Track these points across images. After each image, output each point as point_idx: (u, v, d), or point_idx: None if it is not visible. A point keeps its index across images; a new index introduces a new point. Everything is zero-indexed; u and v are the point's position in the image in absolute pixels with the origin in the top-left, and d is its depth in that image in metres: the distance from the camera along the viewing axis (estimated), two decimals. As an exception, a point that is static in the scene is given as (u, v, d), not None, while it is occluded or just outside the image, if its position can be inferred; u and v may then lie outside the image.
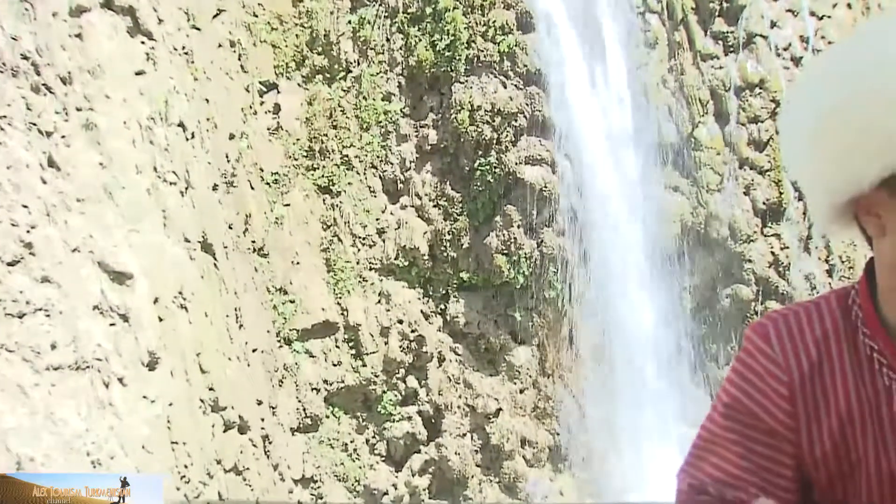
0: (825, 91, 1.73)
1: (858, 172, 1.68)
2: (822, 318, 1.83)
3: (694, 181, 9.29)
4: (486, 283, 9.20)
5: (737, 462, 1.81)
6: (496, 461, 9.15)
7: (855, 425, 1.77)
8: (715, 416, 1.87)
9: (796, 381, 1.80)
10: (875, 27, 1.75)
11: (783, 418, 1.79)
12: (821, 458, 1.79)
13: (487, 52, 8.80)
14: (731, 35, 9.22)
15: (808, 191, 1.83)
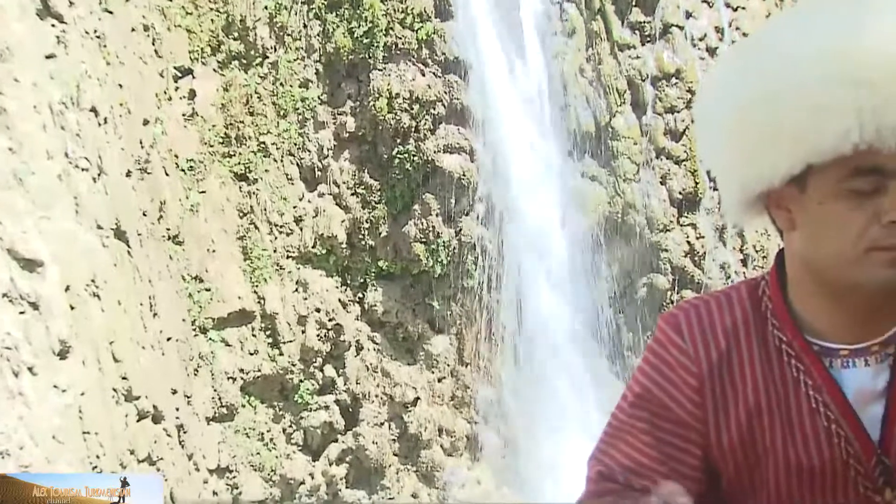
0: (738, 86, 1.79)
1: (770, 168, 1.74)
2: (732, 309, 1.90)
3: (611, 170, 9.49)
4: (404, 271, 9.31)
5: (645, 451, 1.87)
6: (414, 450, 9.27)
7: (763, 416, 1.83)
8: (625, 404, 1.93)
9: (705, 372, 1.85)
10: (787, 22, 1.82)
11: (692, 409, 1.86)
12: (728, 449, 1.85)
13: (406, 39, 8.91)
14: (647, 25, 9.43)
15: (720, 183, 1.89)
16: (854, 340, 1.81)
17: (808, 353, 1.81)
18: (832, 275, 1.75)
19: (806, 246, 1.78)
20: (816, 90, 1.66)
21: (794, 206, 1.77)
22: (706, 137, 1.89)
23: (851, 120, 1.63)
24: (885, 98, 1.63)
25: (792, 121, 1.68)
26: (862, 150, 1.65)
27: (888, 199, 1.67)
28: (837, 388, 1.80)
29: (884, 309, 1.80)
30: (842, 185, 1.69)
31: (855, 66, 1.64)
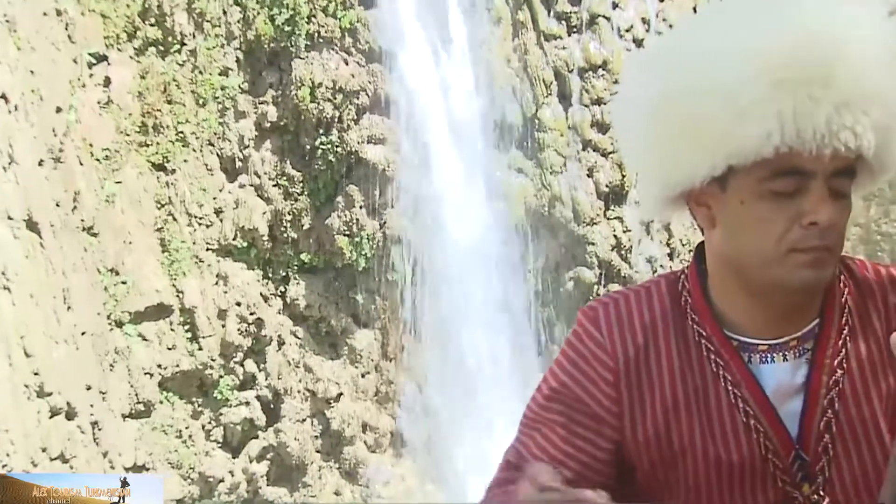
0: (658, 85, 1.78)
1: (690, 169, 1.74)
2: (651, 303, 1.89)
3: (538, 162, 9.56)
4: (327, 264, 9.33)
5: (558, 444, 1.87)
6: (336, 447, 9.30)
7: (680, 412, 1.83)
8: (540, 397, 1.92)
9: (622, 367, 1.85)
10: (708, 21, 1.82)
11: (607, 403, 1.85)
12: (643, 444, 1.85)
13: (328, 27, 8.92)
14: (574, 15, 9.51)
15: (640, 180, 1.90)
16: (773, 335, 1.83)
17: (726, 348, 1.84)
18: (752, 274, 1.77)
19: (726, 244, 1.80)
20: (737, 92, 1.67)
21: (715, 204, 1.79)
22: (626, 135, 1.90)
23: (772, 122, 1.65)
24: (805, 100, 1.65)
25: (713, 122, 1.69)
26: (783, 152, 1.67)
27: (809, 201, 1.70)
28: (756, 383, 1.82)
29: (802, 305, 1.84)
30: (763, 185, 1.71)
31: (775, 68, 1.66)
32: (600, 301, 1.93)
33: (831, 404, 1.82)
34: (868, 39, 1.70)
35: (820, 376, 1.82)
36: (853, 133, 1.66)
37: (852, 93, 1.66)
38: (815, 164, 1.68)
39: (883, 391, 1.84)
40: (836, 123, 1.65)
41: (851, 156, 1.70)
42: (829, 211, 1.69)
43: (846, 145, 1.66)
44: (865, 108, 1.67)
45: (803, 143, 1.65)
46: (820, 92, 1.65)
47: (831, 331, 1.84)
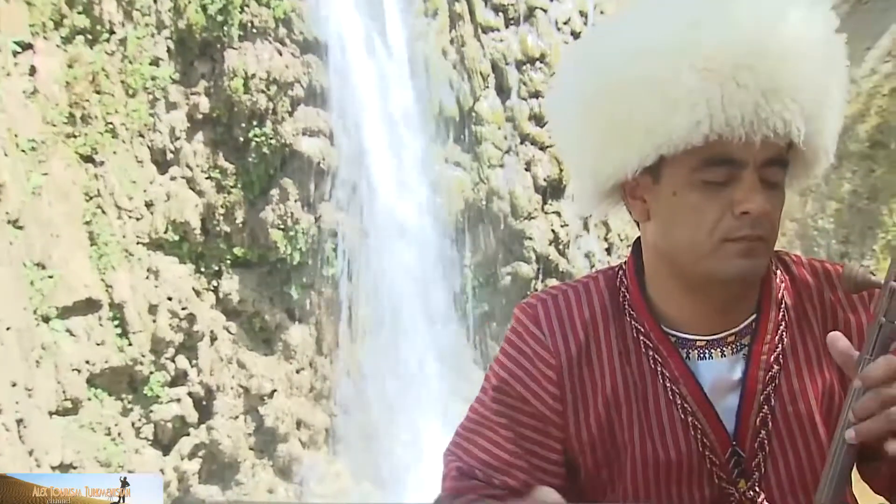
0: (588, 77, 1.81)
1: (622, 160, 1.77)
2: (590, 300, 1.91)
3: (475, 156, 9.60)
4: (261, 259, 9.30)
5: (505, 446, 1.88)
6: (270, 444, 9.27)
7: (621, 409, 1.85)
8: (484, 398, 1.93)
9: (564, 365, 1.86)
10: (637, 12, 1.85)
11: (551, 402, 1.86)
12: (587, 442, 1.86)
13: (262, 17, 8.89)
14: (511, 7, 9.56)
15: (574, 174, 1.94)
16: (710, 331, 1.85)
17: (665, 345, 1.85)
18: (687, 265, 1.79)
19: (661, 237, 1.82)
20: (667, 83, 1.69)
21: (648, 196, 1.81)
22: (559, 129, 1.93)
23: (702, 111, 1.68)
24: (733, 88, 1.68)
25: (643, 112, 1.72)
26: (713, 141, 1.69)
27: (740, 190, 1.72)
28: (694, 379, 1.84)
29: (739, 299, 1.86)
30: (695, 175, 1.73)
31: (703, 57, 1.69)
32: (538, 297, 1.94)
33: (767, 400, 1.85)
34: (796, 27, 1.74)
35: (756, 372, 1.85)
36: (782, 119, 1.70)
37: (780, 79, 1.69)
38: (746, 153, 1.71)
39: (819, 387, 1.88)
40: (764, 110, 1.68)
41: (781, 143, 1.74)
42: (760, 200, 1.72)
43: (775, 131, 1.70)
44: (793, 95, 1.70)
45: (733, 130, 1.68)
46: (748, 79, 1.68)
47: (768, 326, 1.87)
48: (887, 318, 1.61)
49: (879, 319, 1.61)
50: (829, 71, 1.78)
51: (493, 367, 1.94)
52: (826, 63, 1.78)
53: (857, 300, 1.90)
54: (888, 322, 1.61)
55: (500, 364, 1.93)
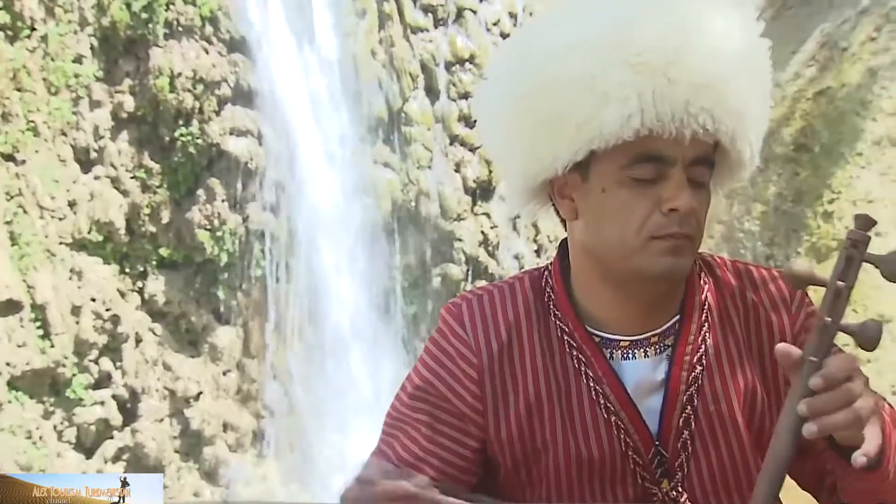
0: (517, 74, 1.82)
1: (552, 156, 1.78)
2: (515, 300, 1.93)
3: (404, 157, 9.62)
4: (187, 259, 9.25)
5: (423, 444, 1.89)
6: (196, 447, 9.22)
7: (543, 409, 1.87)
8: (404, 396, 1.95)
9: (485, 364, 1.88)
10: (566, 8, 1.87)
11: (472, 401, 1.88)
12: (507, 442, 1.88)
13: (188, 15, 8.85)
14: (440, 8, 9.60)
15: (503, 173, 1.96)
16: (634, 332, 1.87)
17: (589, 345, 1.87)
18: (615, 263, 1.81)
19: (589, 234, 1.84)
20: (597, 78, 1.72)
21: (577, 194, 1.83)
22: (487, 127, 1.94)
23: (633, 105, 1.70)
24: (663, 83, 1.71)
25: (573, 107, 1.73)
26: (643, 137, 1.72)
27: (668, 188, 1.75)
28: (617, 379, 1.86)
29: (664, 299, 1.88)
30: (623, 172, 1.76)
31: (634, 51, 1.71)
32: (463, 297, 1.96)
33: (690, 400, 1.88)
34: (724, 26, 1.77)
35: (679, 372, 1.87)
36: (711, 116, 1.72)
37: (710, 76, 1.72)
38: (675, 151, 1.74)
39: (741, 387, 1.90)
40: (694, 105, 1.71)
41: (710, 141, 1.77)
42: (687, 198, 1.75)
43: (704, 128, 1.73)
44: (723, 92, 1.73)
45: (663, 125, 1.71)
46: (679, 75, 1.71)
47: (691, 327, 1.89)
48: (832, 319, 1.62)
49: (825, 320, 1.62)
50: (755, 72, 1.83)
51: (417, 366, 1.97)
52: (752, 65, 1.82)
53: (779, 300, 1.94)
54: (833, 322, 1.62)
55: (423, 363, 1.95)
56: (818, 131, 8.87)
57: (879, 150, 8.44)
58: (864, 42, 8.77)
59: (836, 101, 8.81)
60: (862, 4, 8.91)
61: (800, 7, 9.40)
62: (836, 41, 9.02)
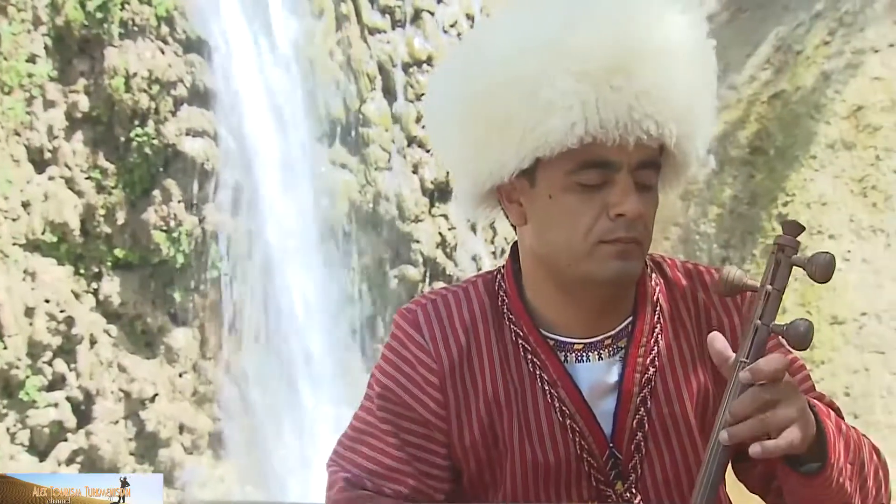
0: (464, 79, 1.84)
1: (499, 163, 1.80)
2: (469, 304, 1.95)
3: (362, 158, 9.60)
4: (143, 261, 9.19)
5: (391, 453, 1.90)
6: (151, 449, 9.16)
7: (502, 413, 1.88)
8: (367, 405, 1.96)
9: (446, 370, 1.90)
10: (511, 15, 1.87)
11: (434, 408, 1.90)
12: (470, 447, 1.90)
13: (143, 15, 8.80)
14: (398, 9, 9.59)
15: (453, 177, 1.98)
16: (587, 334, 1.89)
17: (543, 348, 1.88)
18: (563, 268, 1.83)
19: (537, 240, 1.85)
20: (542, 85, 1.72)
21: (525, 199, 1.85)
22: (437, 131, 1.96)
23: (576, 113, 1.71)
24: (607, 90, 1.72)
25: (518, 115, 1.74)
26: (588, 144, 1.73)
27: (615, 193, 1.77)
28: (572, 382, 1.87)
29: (615, 302, 1.90)
30: (570, 178, 1.77)
31: (576, 59, 1.72)
32: (418, 303, 1.97)
33: (643, 402, 1.89)
34: (668, 31, 1.79)
35: (632, 374, 1.89)
36: (655, 122, 1.74)
37: (653, 82, 1.73)
38: (620, 155, 1.76)
39: (693, 389, 1.92)
40: (637, 112, 1.72)
41: (654, 145, 1.79)
42: (634, 202, 1.76)
43: (648, 133, 1.74)
44: (666, 98, 1.74)
45: (607, 132, 1.72)
46: (622, 82, 1.72)
47: (643, 329, 1.91)
48: (762, 321, 1.66)
49: (755, 322, 1.66)
50: (700, 75, 1.84)
51: (375, 374, 1.97)
52: (697, 67, 1.83)
53: (731, 302, 1.95)
54: (763, 325, 1.66)
55: (382, 371, 1.95)
56: (773, 134, 8.95)
57: (833, 153, 8.52)
58: (818, 46, 8.85)
59: (791, 105, 8.88)
60: (816, 8, 8.98)
61: (755, 10, 9.47)
62: (791, 45, 9.09)
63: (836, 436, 1.76)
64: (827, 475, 1.72)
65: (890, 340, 7.74)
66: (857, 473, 1.81)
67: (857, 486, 1.81)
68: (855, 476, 1.80)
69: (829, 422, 1.77)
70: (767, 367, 1.62)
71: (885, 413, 7.53)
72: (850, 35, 8.75)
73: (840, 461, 1.75)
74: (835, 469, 1.74)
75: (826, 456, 1.72)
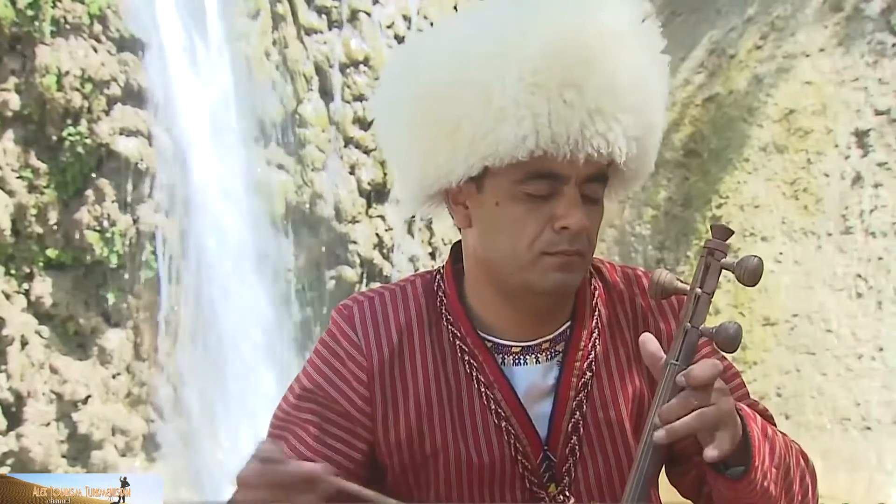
0: (417, 79, 1.83)
1: (447, 168, 1.80)
2: (406, 303, 1.95)
3: (299, 159, 9.55)
4: (76, 261, 9.05)
5: (311, 444, 1.91)
6: (84, 451, 9.03)
7: (434, 414, 1.90)
8: (292, 397, 1.97)
9: (376, 367, 1.91)
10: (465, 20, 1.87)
11: (360, 404, 1.91)
12: (395, 446, 1.91)
13: (75, 13, 8.66)
14: (334, 10, 9.56)
15: (399, 177, 1.99)
16: (525, 338, 1.89)
17: (481, 350, 1.89)
18: (505, 275, 1.83)
19: (481, 245, 1.85)
20: (494, 94, 1.71)
21: (471, 203, 1.85)
22: (385, 131, 1.95)
23: (528, 126, 1.70)
24: (560, 105, 1.71)
25: (470, 123, 1.74)
26: (537, 156, 1.73)
27: (561, 206, 1.76)
28: (508, 385, 1.87)
29: (554, 307, 1.90)
30: (517, 187, 1.77)
31: (532, 72, 1.71)
32: (354, 299, 1.97)
33: (579, 406, 1.90)
34: (622, 47, 1.77)
35: (569, 378, 1.89)
36: (605, 140, 1.74)
37: (605, 100, 1.73)
38: (569, 169, 1.75)
39: (629, 393, 1.93)
40: (589, 129, 1.72)
41: (604, 162, 1.79)
42: (580, 216, 1.76)
43: (598, 151, 1.74)
44: (617, 116, 1.74)
45: (558, 147, 1.71)
46: (574, 97, 1.71)
47: (581, 333, 1.91)
48: (692, 324, 1.68)
49: (685, 325, 1.68)
50: (653, 93, 1.84)
51: (306, 367, 1.98)
52: (651, 85, 1.83)
53: (668, 307, 1.96)
54: (693, 328, 1.68)
55: (312, 364, 1.96)
56: (707, 137, 9.01)
57: (766, 156, 8.59)
58: (751, 50, 8.92)
59: (724, 108, 8.95)
60: (748, 13, 9.05)
61: (689, 14, 9.53)
62: (724, 48, 9.15)
63: (761, 440, 1.77)
64: (751, 479, 1.74)
65: (821, 341, 7.81)
66: (783, 477, 1.83)
67: (782, 490, 1.82)
68: (780, 480, 1.81)
69: (756, 426, 1.78)
70: (701, 374, 1.62)
71: (815, 413, 7.60)
72: (781, 39, 8.82)
73: (765, 465, 1.76)
74: (759, 473, 1.75)
75: (751, 460, 1.73)
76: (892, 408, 7.31)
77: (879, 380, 7.47)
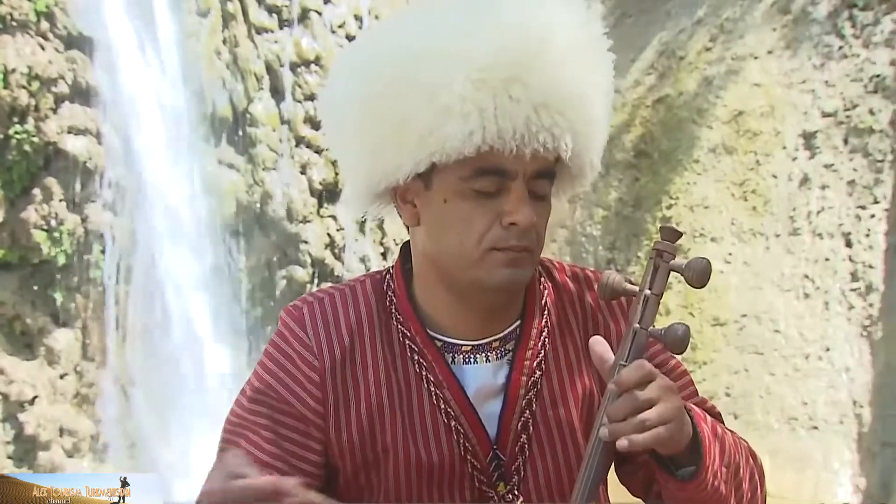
0: (364, 77, 1.82)
1: (394, 165, 1.80)
2: (356, 303, 1.95)
3: (249, 158, 9.50)
4: (22, 260, 8.94)
5: (266, 448, 1.89)
6: (31, 452, 8.92)
7: (385, 414, 1.89)
8: (244, 400, 1.96)
9: (327, 368, 1.90)
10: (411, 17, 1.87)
11: (313, 405, 1.89)
12: (347, 447, 1.89)
13: (22, 10, 8.55)
14: (285, 9, 9.52)
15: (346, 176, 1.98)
16: (475, 336, 1.90)
17: (430, 349, 1.89)
18: (454, 272, 1.83)
19: (430, 242, 1.86)
20: (440, 90, 1.71)
21: (419, 201, 1.85)
22: (332, 129, 1.95)
23: (474, 121, 1.71)
24: (506, 100, 1.71)
25: (415, 118, 1.74)
26: (484, 152, 1.73)
27: (509, 202, 1.77)
28: (458, 384, 1.88)
29: (504, 306, 1.91)
30: (465, 184, 1.77)
31: (475, 65, 1.70)
32: (304, 300, 1.97)
33: (529, 405, 1.90)
34: (567, 44, 1.77)
35: (519, 377, 1.90)
36: (551, 134, 1.74)
37: (550, 95, 1.73)
38: (516, 165, 1.75)
39: (579, 392, 1.94)
40: (535, 124, 1.72)
41: (550, 157, 1.79)
42: (528, 212, 1.77)
43: (545, 146, 1.74)
44: (562, 111, 1.74)
45: (504, 142, 1.72)
46: (520, 92, 1.71)
47: (531, 332, 1.92)
48: (641, 325, 1.70)
49: (634, 326, 1.71)
50: (598, 87, 1.84)
51: (257, 369, 1.96)
52: (596, 80, 1.84)
53: (617, 307, 1.97)
54: (642, 329, 1.70)
55: (263, 366, 1.95)
56: (657, 138, 9.03)
57: (715, 158, 8.62)
58: (700, 51, 8.95)
59: (674, 109, 8.98)
60: (697, 15, 9.09)
61: (639, 16, 9.56)
62: (674, 50, 9.18)
63: (711, 440, 1.78)
64: (701, 479, 1.74)
65: (769, 341, 7.85)
66: (733, 477, 1.84)
67: (732, 489, 1.83)
68: (730, 479, 1.82)
69: (706, 426, 1.79)
70: (627, 377, 1.64)
71: (763, 413, 7.63)
72: (730, 41, 8.87)
73: (715, 465, 1.77)
74: (709, 472, 1.75)
75: (701, 460, 1.74)
76: (839, 407, 7.36)
77: (826, 380, 7.51)
